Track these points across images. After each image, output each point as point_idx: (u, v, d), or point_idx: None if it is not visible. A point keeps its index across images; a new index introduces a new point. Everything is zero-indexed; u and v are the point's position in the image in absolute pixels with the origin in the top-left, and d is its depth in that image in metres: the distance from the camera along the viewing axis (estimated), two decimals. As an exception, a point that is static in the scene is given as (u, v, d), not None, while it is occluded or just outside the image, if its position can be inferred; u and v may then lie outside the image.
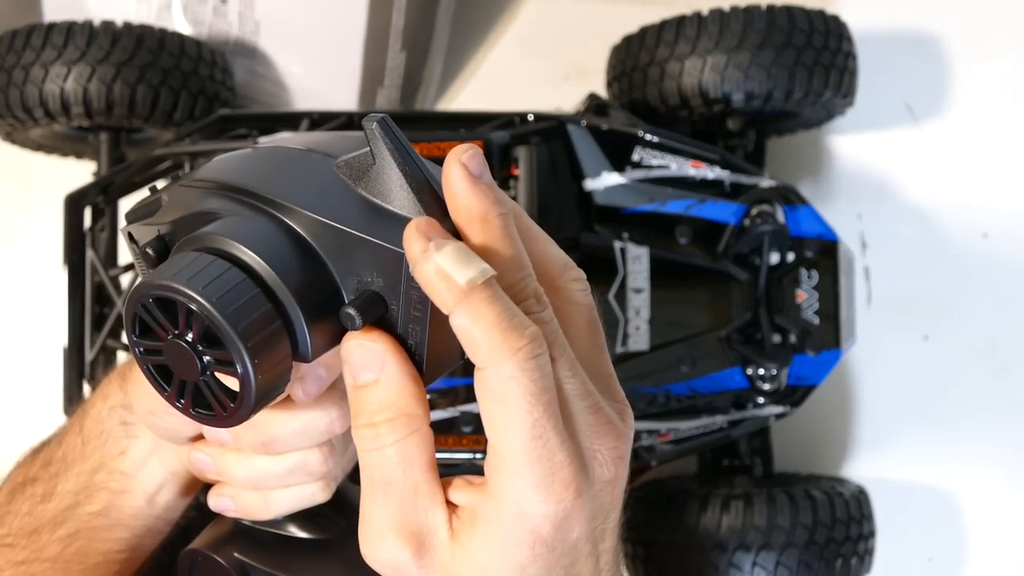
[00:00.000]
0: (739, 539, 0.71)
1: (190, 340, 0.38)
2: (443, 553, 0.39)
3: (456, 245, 0.37)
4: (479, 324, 0.36)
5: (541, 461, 0.37)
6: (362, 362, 0.39)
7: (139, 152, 0.79)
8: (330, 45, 0.82)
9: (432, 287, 0.37)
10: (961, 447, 0.87)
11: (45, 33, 0.72)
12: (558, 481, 0.37)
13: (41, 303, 0.86)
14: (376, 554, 0.39)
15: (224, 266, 0.38)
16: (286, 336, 0.39)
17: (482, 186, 0.38)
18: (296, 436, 0.47)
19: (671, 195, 0.71)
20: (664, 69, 0.75)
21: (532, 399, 0.36)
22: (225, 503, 0.50)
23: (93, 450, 0.53)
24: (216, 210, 0.40)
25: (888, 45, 0.90)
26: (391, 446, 0.38)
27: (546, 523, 0.38)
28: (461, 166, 0.38)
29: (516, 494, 0.37)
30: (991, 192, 0.89)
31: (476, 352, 0.36)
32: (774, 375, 0.73)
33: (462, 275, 0.36)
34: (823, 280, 0.74)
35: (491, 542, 0.38)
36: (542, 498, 0.37)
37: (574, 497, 0.38)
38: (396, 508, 0.39)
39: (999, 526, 0.87)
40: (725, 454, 0.80)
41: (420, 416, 0.39)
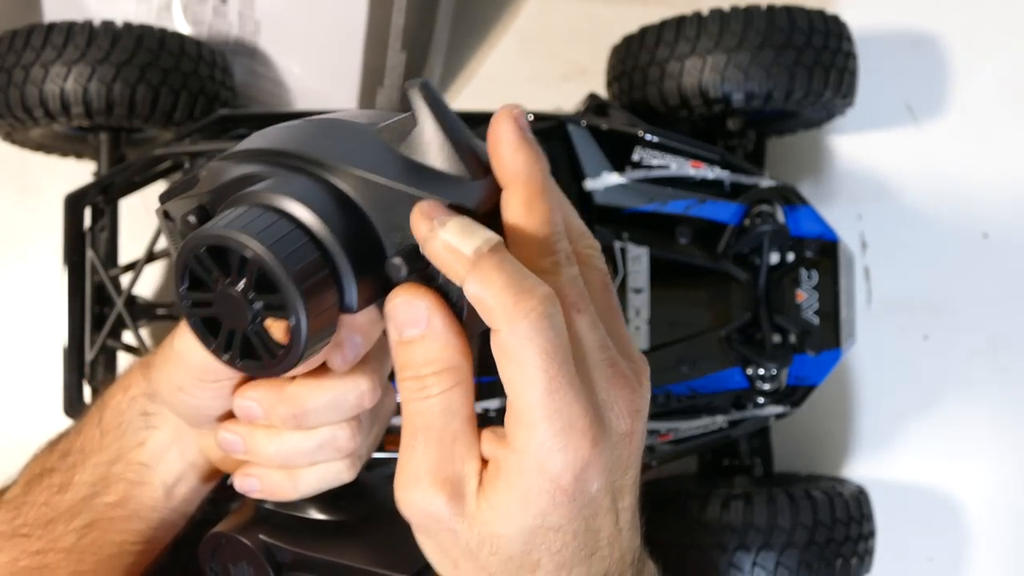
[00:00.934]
0: (739, 539, 0.71)
1: (242, 288, 0.39)
2: (471, 504, 0.41)
3: (459, 219, 0.38)
4: (490, 290, 0.38)
5: (559, 414, 0.38)
6: (407, 318, 0.40)
7: (139, 152, 0.79)
8: (330, 45, 0.82)
9: (443, 262, 0.38)
10: (961, 447, 0.87)
11: (45, 33, 0.72)
12: (576, 431, 0.39)
13: (41, 303, 0.86)
14: (411, 499, 0.41)
15: (274, 216, 0.39)
16: (334, 284, 0.40)
17: (530, 141, 0.40)
18: (327, 409, 0.47)
19: (671, 195, 0.71)
20: (664, 69, 0.75)
21: (547, 357, 0.38)
22: (251, 483, 0.49)
23: (111, 441, 0.53)
24: (258, 173, 0.42)
25: (888, 45, 0.90)
26: (436, 396, 0.40)
27: (566, 473, 0.39)
28: (513, 120, 0.40)
29: (535, 446, 0.39)
30: (991, 192, 0.89)
31: (490, 316, 0.38)
32: (774, 375, 0.73)
33: (468, 246, 0.38)
34: (823, 280, 0.74)
35: (513, 493, 0.40)
36: (560, 448, 0.39)
37: (591, 446, 0.39)
38: (435, 455, 0.40)
39: (999, 526, 0.87)
40: (725, 454, 0.80)
41: (465, 369, 0.40)
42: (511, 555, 0.41)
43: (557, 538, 0.41)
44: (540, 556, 0.41)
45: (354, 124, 0.43)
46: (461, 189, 0.40)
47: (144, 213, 0.85)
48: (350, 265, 0.40)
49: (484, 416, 0.65)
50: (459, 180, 0.41)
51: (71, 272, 0.72)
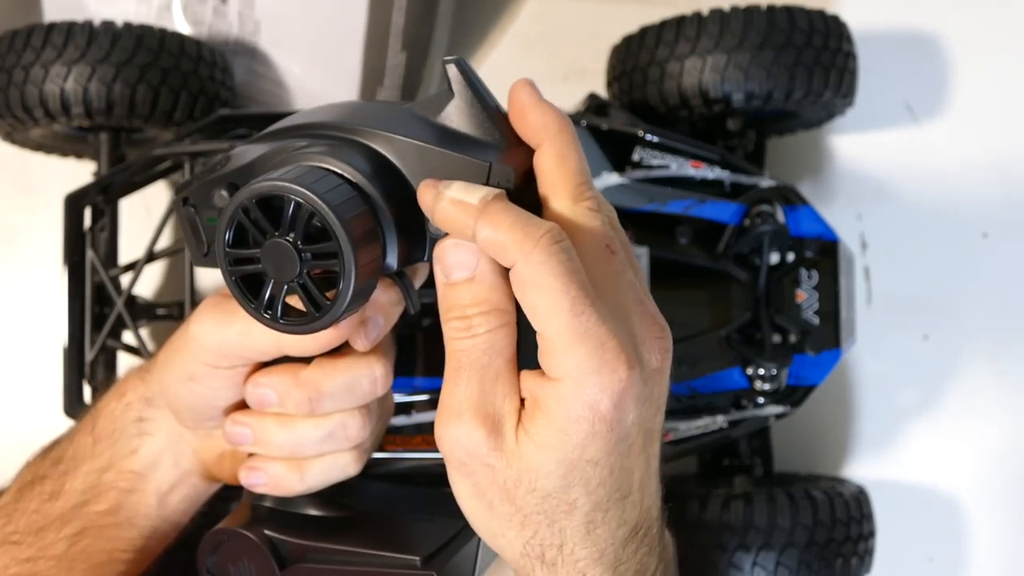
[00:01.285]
0: (739, 539, 0.71)
1: (292, 238, 0.40)
2: (510, 439, 0.41)
3: (460, 182, 0.41)
4: (500, 228, 0.39)
5: (588, 335, 0.39)
6: (457, 261, 0.41)
7: (139, 152, 0.79)
8: (330, 45, 0.82)
9: (452, 218, 0.40)
10: (961, 447, 0.87)
11: (45, 33, 0.72)
12: (608, 352, 0.39)
13: (41, 303, 0.86)
14: (452, 433, 0.42)
15: (323, 172, 0.41)
16: (380, 239, 0.42)
17: (545, 102, 0.43)
18: (342, 393, 0.48)
19: (671, 195, 0.71)
20: (664, 69, 0.75)
21: (565, 278, 0.39)
22: (257, 476, 0.50)
23: (103, 449, 0.53)
24: (295, 146, 0.43)
25: (888, 45, 0.90)
26: (482, 335, 0.41)
27: (603, 396, 0.40)
28: (530, 86, 0.43)
29: (571, 370, 0.40)
30: (991, 192, 0.89)
31: (505, 253, 0.40)
32: (774, 375, 0.73)
33: (474, 196, 0.40)
34: (823, 280, 0.74)
35: (552, 423, 0.40)
36: (595, 369, 0.40)
37: (627, 369, 0.40)
38: (477, 390, 0.41)
39: (999, 526, 0.87)
40: (725, 454, 0.80)
41: (510, 311, 0.42)
42: (548, 492, 0.42)
43: (595, 473, 0.41)
44: (577, 495, 0.42)
45: (387, 103, 0.45)
46: (498, 153, 0.42)
47: (144, 213, 0.85)
48: (393, 223, 0.42)
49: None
50: (495, 145, 0.43)
51: (71, 272, 0.72)
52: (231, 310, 0.47)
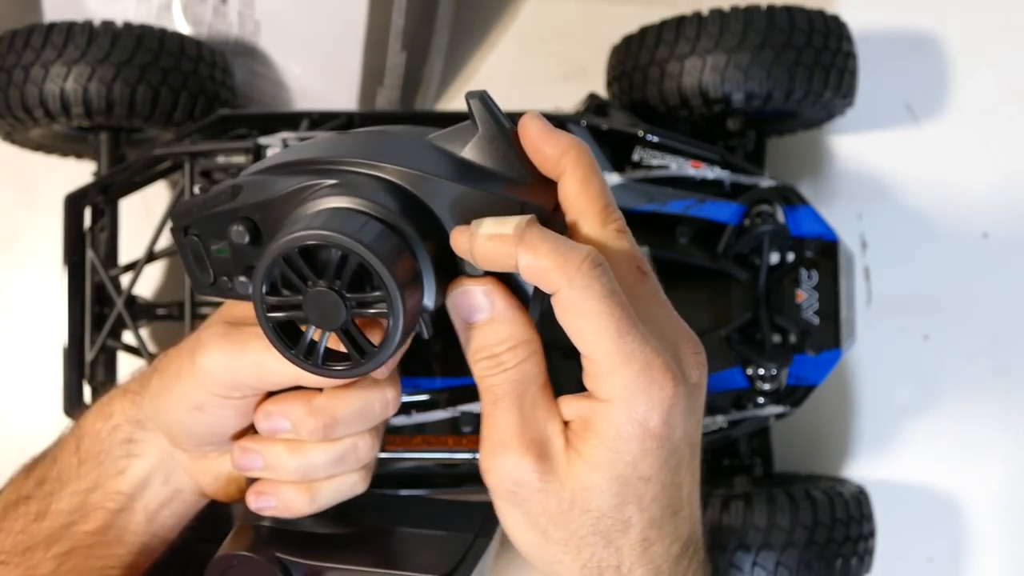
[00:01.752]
0: (739, 539, 0.71)
1: (337, 286, 0.40)
2: (560, 462, 0.42)
3: (491, 218, 0.41)
4: (541, 254, 0.40)
5: (634, 355, 0.40)
6: (470, 306, 0.42)
7: (139, 152, 0.79)
8: (330, 45, 0.82)
9: (493, 254, 0.41)
10: (961, 447, 0.87)
11: (45, 33, 0.72)
12: (656, 370, 0.41)
13: (41, 303, 0.86)
14: (500, 465, 0.42)
15: (364, 217, 0.41)
16: (421, 280, 0.42)
17: (558, 131, 0.43)
18: (355, 417, 0.48)
19: (671, 195, 0.71)
20: (664, 69, 0.75)
21: (609, 300, 0.40)
22: (267, 501, 0.49)
23: (89, 470, 0.53)
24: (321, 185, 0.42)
25: (888, 45, 0.90)
26: (513, 368, 0.42)
27: (653, 414, 0.41)
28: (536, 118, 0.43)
29: (620, 390, 0.41)
30: (991, 192, 0.89)
31: (547, 279, 0.40)
32: (774, 375, 0.73)
33: (507, 227, 0.41)
34: (823, 280, 0.74)
35: (604, 442, 0.41)
36: (644, 388, 0.41)
37: (674, 385, 0.41)
38: (517, 420, 0.42)
39: (999, 526, 0.87)
40: (725, 454, 0.80)
41: (535, 340, 0.43)
42: (603, 511, 0.42)
43: (647, 490, 0.42)
44: (631, 513, 0.42)
45: (404, 132, 0.44)
46: (525, 187, 0.43)
47: (144, 213, 0.85)
48: (430, 264, 0.42)
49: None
50: (522, 180, 0.43)
51: (71, 272, 0.72)
52: (242, 341, 0.47)
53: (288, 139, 0.67)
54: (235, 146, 0.70)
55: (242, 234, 0.43)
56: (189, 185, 0.71)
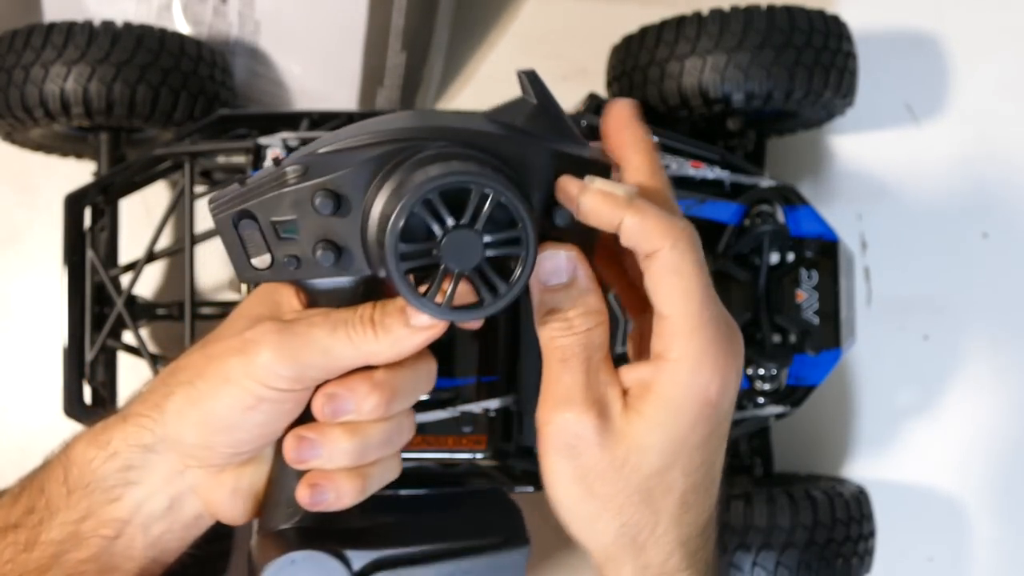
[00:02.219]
0: (739, 539, 0.71)
1: (477, 226, 0.42)
2: (618, 422, 0.45)
3: (603, 179, 0.45)
4: (648, 217, 0.43)
5: (711, 323, 0.44)
6: (553, 268, 0.45)
7: (139, 152, 0.79)
8: (330, 45, 0.82)
9: (599, 208, 0.44)
10: (961, 447, 0.87)
11: (45, 33, 0.72)
12: (722, 340, 0.44)
13: (41, 303, 0.86)
14: (562, 418, 0.45)
15: (490, 167, 0.44)
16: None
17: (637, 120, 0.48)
18: (410, 390, 0.49)
19: (671, 195, 0.71)
20: (664, 69, 0.75)
21: (701, 268, 0.44)
22: (323, 492, 0.48)
23: (79, 499, 0.51)
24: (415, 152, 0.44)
25: (888, 45, 0.90)
26: (583, 332, 0.45)
27: (714, 381, 0.44)
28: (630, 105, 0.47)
29: (692, 351, 0.44)
30: (991, 192, 0.89)
31: (650, 240, 0.44)
32: (774, 375, 0.73)
33: (620, 190, 0.44)
34: (823, 280, 0.74)
35: (666, 402, 0.44)
36: (713, 355, 0.44)
37: (733, 359, 0.45)
38: (583, 380, 0.45)
39: (999, 526, 0.87)
40: (725, 454, 0.80)
41: (605, 312, 0.46)
42: (652, 471, 0.45)
43: (695, 456, 0.45)
44: (676, 476, 0.45)
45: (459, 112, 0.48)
46: (590, 150, 0.46)
47: (144, 213, 0.85)
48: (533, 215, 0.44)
49: (485, 414, 0.65)
50: (584, 145, 0.46)
51: (71, 272, 0.72)
52: (304, 331, 0.46)
53: (288, 139, 0.67)
54: (235, 146, 0.70)
55: (327, 204, 0.44)
56: (189, 185, 0.71)
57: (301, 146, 0.66)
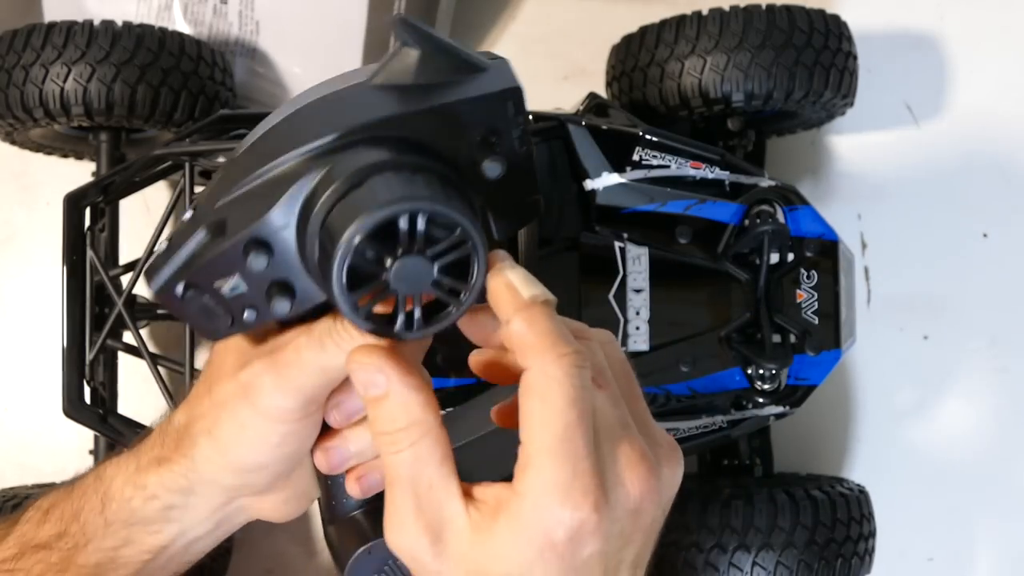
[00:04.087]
0: (739, 539, 0.71)
1: (417, 249, 0.40)
2: (460, 542, 0.41)
3: (525, 273, 0.42)
4: (534, 330, 0.40)
5: (566, 463, 0.39)
6: (366, 380, 0.42)
7: (139, 152, 0.78)
8: (330, 45, 0.82)
9: (499, 296, 0.41)
10: (961, 447, 0.87)
11: (45, 33, 0.72)
12: (578, 487, 0.39)
13: (41, 303, 0.86)
14: (398, 543, 0.42)
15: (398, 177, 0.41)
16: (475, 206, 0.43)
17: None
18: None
19: (671, 195, 0.71)
20: (664, 69, 0.75)
21: (570, 401, 0.39)
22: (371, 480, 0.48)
23: (117, 530, 0.51)
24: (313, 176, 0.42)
25: (888, 45, 0.90)
26: (407, 449, 0.41)
27: (559, 529, 0.39)
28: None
29: (537, 491, 0.39)
30: (991, 192, 0.89)
31: (526, 353, 0.40)
32: (774, 375, 0.73)
33: (527, 291, 0.41)
34: (823, 280, 0.74)
35: (507, 535, 0.40)
36: (559, 501, 0.39)
37: (591, 509, 0.39)
38: (413, 502, 0.41)
39: (999, 526, 0.87)
40: (725, 454, 0.80)
41: (430, 420, 0.41)
42: None
43: None
44: None
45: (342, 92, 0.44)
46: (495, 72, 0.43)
47: (144, 213, 0.85)
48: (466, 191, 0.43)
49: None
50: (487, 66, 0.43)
51: (71, 272, 0.72)
52: (292, 359, 0.45)
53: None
54: (235, 146, 0.70)
55: (260, 258, 0.42)
56: (189, 185, 0.71)
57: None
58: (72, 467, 0.80)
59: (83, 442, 0.79)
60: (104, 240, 0.75)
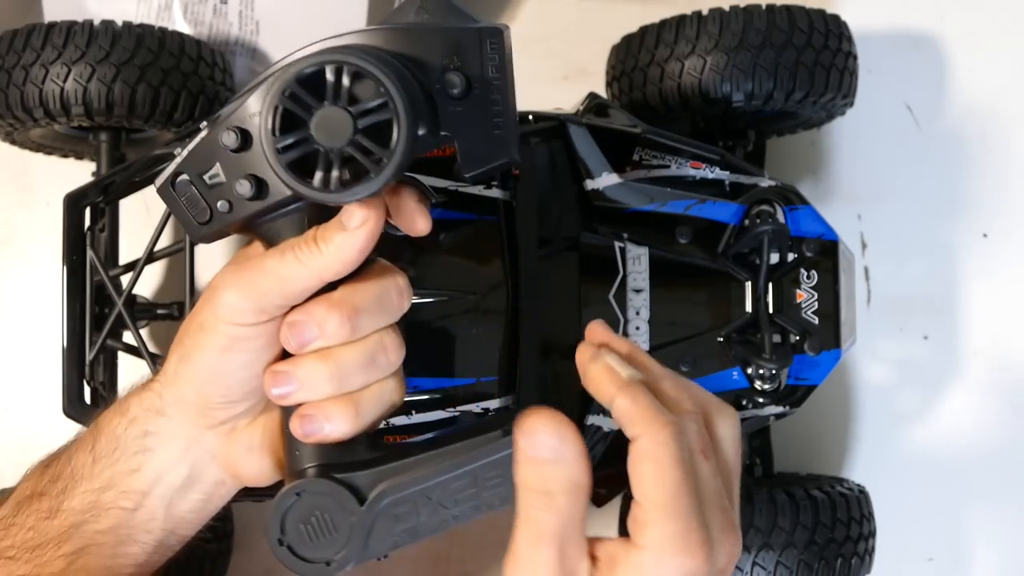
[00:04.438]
0: (739, 539, 0.71)
1: (341, 103, 0.44)
2: None
3: (615, 356, 0.48)
4: (639, 403, 0.45)
5: (679, 517, 0.44)
6: (547, 444, 0.45)
7: (139, 152, 0.79)
8: (330, 45, 0.82)
9: (600, 380, 0.47)
10: (961, 447, 0.87)
11: (45, 33, 0.72)
12: (693, 538, 0.44)
13: (41, 303, 0.86)
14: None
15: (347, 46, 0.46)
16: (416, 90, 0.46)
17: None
18: (375, 307, 0.50)
19: (671, 195, 0.71)
20: (664, 69, 0.75)
21: (679, 462, 0.44)
22: (314, 422, 0.49)
23: (102, 468, 0.52)
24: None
25: (888, 45, 0.90)
26: (564, 509, 0.45)
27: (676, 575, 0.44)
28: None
29: (656, 542, 0.44)
30: (991, 192, 0.89)
31: (633, 425, 0.45)
32: (774, 375, 0.73)
33: (625, 372, 0.47)
34: (823, 280, 0.74)
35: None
36: (678, 549, 0.44)
37: (704, 558, 0.44)
38: (556, 556, 0.45)
39: (999, 526, 0.87)
40: (725, 454, 0.80)
41: (588, 484, 0.46)
42: None
43: None
44: None
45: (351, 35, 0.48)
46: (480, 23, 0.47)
47: (144, 213, 0.85)
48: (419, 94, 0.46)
49: (484, 414, 0.65)
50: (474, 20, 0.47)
51: (71, 272, 0.72)
52: (256, 264, 0.48)
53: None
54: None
55: (234, 138, 0.47)
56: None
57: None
58: (72, 467, 0.80)
59: (83, 442, 0.79)
60: (104, 240, 0.75)
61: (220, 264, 0.85)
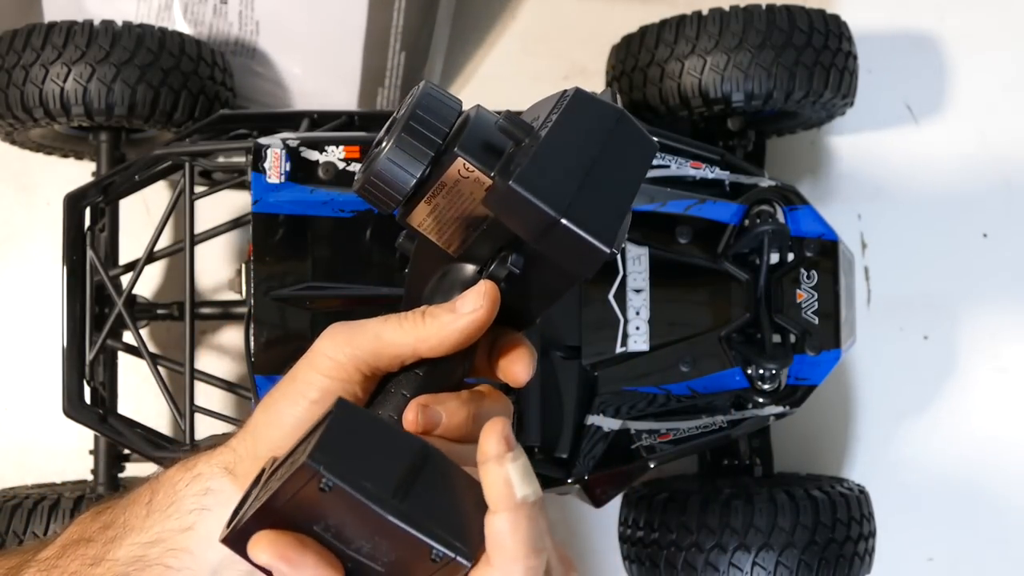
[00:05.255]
0: (739, 539, 0.71)
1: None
2: None
3: (525, 462, 0.43)
4: (514, 535, 0.42)
5: None
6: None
7: (139, 152, 0.79)
8: (330, 45, 0.82)
9: (495, 487, 0.43)
10: (961, 447, 0.87)
11: (45, 33, 0.72)
12: None
13: (41, 303, 0.86)
14: None
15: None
16: None
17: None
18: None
19: (671, 195, 0.71)
20: (664, 69, 0.75)
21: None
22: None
23: (155, 522, 0.50)
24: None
25: (888, 45, 0.90)
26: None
27: None
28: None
29: None
30: (991, 192, 0.89)
31: (497, 552, 0.42)
32: (774, 375, 0.73)
33: (520, 490, 0.43)
34: (823, 280, 0.74)
35: None
36: None
37: None
38: None
39: (999, 526, 0.87)
40: (725, 454, 0.80)
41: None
42: None
43: None
44: None
45: None
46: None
47: (144, 213, 0.85)
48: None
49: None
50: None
51: (71, 272, 0.72)
52: (358, 323, 0.49)
53: (288, 139, 0.67)
54: (235, 146, 0.70)
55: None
56: (189, 185, 0.71)
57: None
58: (72, 467, 0.80)
59: (83, 442, 0.79)
60: (104, 240, 0.75)
61: (220, 264, 0.86)
